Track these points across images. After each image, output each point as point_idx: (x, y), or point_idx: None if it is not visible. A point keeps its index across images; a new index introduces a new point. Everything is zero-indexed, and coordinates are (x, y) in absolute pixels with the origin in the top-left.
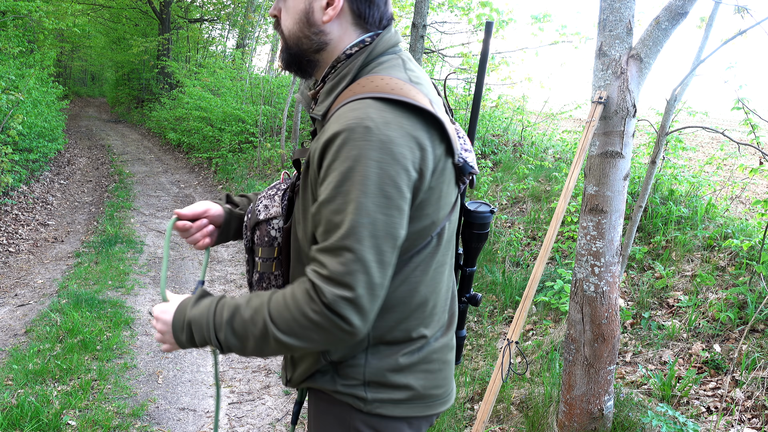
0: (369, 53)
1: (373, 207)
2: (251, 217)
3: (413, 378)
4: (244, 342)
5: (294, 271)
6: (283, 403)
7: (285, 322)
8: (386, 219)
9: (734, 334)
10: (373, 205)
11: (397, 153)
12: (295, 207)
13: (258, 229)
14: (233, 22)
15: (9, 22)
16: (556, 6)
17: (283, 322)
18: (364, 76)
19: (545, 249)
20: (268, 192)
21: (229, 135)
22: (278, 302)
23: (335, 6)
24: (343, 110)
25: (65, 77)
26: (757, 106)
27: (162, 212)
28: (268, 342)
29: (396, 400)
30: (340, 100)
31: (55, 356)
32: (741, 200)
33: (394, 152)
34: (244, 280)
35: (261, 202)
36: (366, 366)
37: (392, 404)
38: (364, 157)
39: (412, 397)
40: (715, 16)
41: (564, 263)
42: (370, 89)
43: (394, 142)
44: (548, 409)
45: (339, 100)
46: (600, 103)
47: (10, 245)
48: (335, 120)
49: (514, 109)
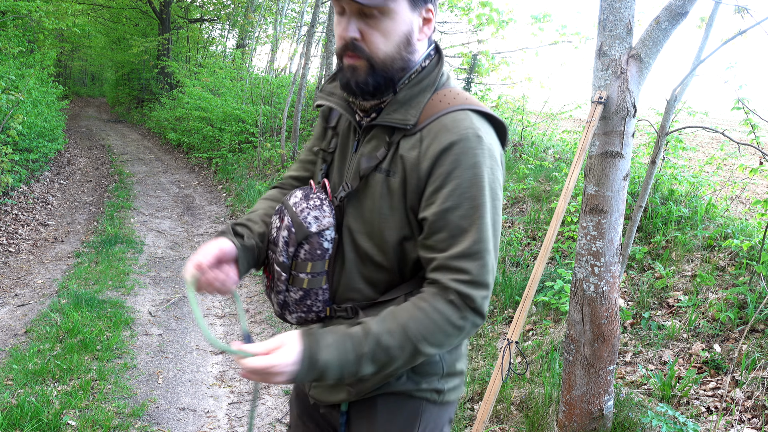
0: (440, 66)
1: (491, 209)
2: (298, 231)
3: (464, 363)
4: (383, 368)
5: (350, 280)
6: (283, 403)
7: (435, 337)
8: (498, 219)
9: (734, 334)
10: (491, 208)
11: (498, 158)
12: (353, 215)
13: (308, 242)
14: (233, 22)
15: (9, 22)
16: (556, 6)
17: (434, 338)
18: (441, 88)
19: (545, 249)
20: (309, 203)
21: (229, 135)
22: (422, 321)
23: (431, 25)
24: (449, 120)
25: (65, 77)
26: (757, 106)
27: (162, 212)
28: (414, 360)
29: (457, 386)
30: (431, 111)
31: (55, 356)
32: (741, 200)
33: (496, 158)
34: (243, 279)
35: (308, 214)
36: (443, 360)
37: (456, 390)
38: (481, 164)
39: (462, 380)
40: (715, 16)
41: (564, 263)
42: (462, 101)
43: (494, 149)
44: (548, 409)
45: (429, 111)
46: (600, 103)
47: (10, 245)
48: (445, 129)
49: (514, 109)
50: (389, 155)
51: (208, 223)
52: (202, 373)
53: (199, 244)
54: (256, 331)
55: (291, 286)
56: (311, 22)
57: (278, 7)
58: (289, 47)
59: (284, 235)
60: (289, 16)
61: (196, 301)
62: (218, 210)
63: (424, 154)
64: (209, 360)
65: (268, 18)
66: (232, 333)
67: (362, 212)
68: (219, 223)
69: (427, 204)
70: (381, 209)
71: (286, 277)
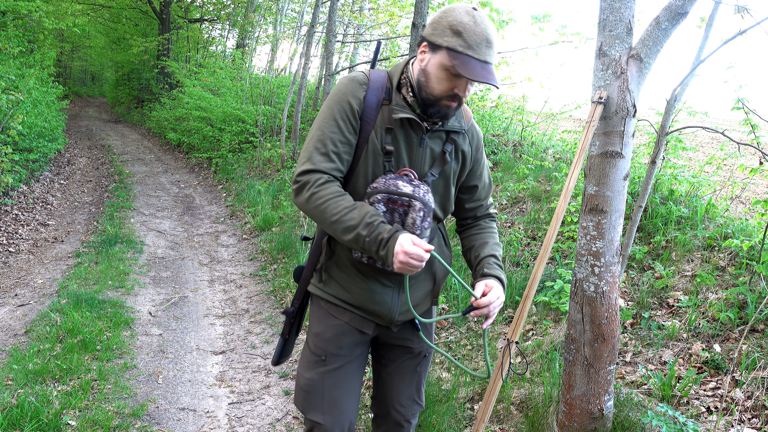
0: None
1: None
2: (427, 208)
3: None
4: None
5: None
6: (283, 403)
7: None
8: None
9: (734, 334)
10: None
11: None
12: (432, 191)
13: (430, 215)
14: (233, 22)
15: (9, 22)
16: (556, 6)
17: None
18: None
19: (545, 249)
20: (422, 188)
21: (229, 135)
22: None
23: None
24: (474, 122)
25: (65, 77)
26: (757, 106)
27: (162, 212)
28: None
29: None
30: (467, 118)
31: (55, 356)
32: (741, 200)
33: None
34: (243, 279)
35: (426, 195)
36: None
37: None
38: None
39: None
40: (715, 16)
41: (564, 263)
42: (468, 108)
43: None
44: (548, 409)
45: (467, 117)
46: (600, 103)
47: (10, 245)
48: (478, 128)
49: (514, 109)
50: (453, 150)
51: (208, 223)
52: (202, 373)
53: (199, 244)
54: (256, 331)
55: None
56: (311, 22)
57: (278, 7)
58: (289, 47)
59: (420, 215)
60: (289, 16)
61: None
62: (218, 210)
63: (472, 147)
64: (209, 360)
65: (268, 18)
66: (232, 333)
67: (437, 188)
68: (219, 223)
69: (461, 175)
70: (448, 185)
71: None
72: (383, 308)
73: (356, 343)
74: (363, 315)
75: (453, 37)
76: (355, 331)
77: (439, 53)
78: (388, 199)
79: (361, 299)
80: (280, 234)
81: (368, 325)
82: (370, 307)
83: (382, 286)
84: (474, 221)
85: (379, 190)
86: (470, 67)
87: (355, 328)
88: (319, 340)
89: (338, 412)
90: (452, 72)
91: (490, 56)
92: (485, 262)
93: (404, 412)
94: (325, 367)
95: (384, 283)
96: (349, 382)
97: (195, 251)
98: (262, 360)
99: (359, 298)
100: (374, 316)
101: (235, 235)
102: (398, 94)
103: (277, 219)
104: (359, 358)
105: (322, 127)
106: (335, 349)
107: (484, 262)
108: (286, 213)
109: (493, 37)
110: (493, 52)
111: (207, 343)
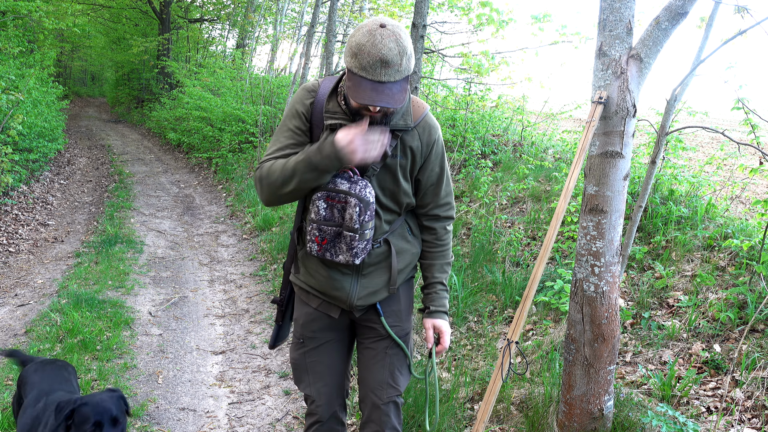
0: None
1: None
2: (364, 204)
3: None
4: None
5: (380, 224)
6: (283, 403)
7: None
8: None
9: (734, 334)
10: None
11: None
12: (376, 185)
13: (368, 209)
14: (233, 22)
15: (9, 22)
16: (556, 6)
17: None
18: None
19: (545, 249)
20: (360, 184)
21: (229, 135)
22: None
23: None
24: (429, 119)
25: (65, 77)
26: (757, 106)
27: (162, 212)
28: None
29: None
30: (417, 114)
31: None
32: (741, 200)
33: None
34: (243, 279)
35: (364, 191)
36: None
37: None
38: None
39: None
40: (715, 16)
41: (564, 263)
42: (425, 106)
43: None
44: (548, 409)
45: (416, 114)
46: (600, 103)
47: (10, 245)
48: (431, 125)
49: (514, 109)
50: (399, 146)
51: (208, 223)
52: (202, 373)
53: (199, 244)
54: (256, 331)
55: (359, 241)
56: (311, 22)
57: (278, 7)
58: (289, 47)
59: (356, 210)
60: (289, 16)
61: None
62: (218, 210)
63: (424, 142)
64: (209, 360)
65: (268, 18)
66: (232, 333)
67: (381, 182)
68: (219, 223)
69: (413, 171)
70: (397, 179)
71: (354, 236)
72: (342, 294)
73: (327, 327)
74: (328, 300)
75: (351, 58)
76: (324, 315)
77: (347, 71)
78: (327, 196)
79: (324, 286)
80: (280, 234)
81: (334, 310)
82: (331, 293)
83: (342, 274)
84: (429, 222)
85: (320, 188)
86: (360, 89)
87: (324, 313)
88: (296, 325)
89: (322, 384)
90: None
91: (387, 75)
92: (433, 292)
93: (380, 394)
94: (305, 348)
95: (343, 272)
96: (327, 358)
97: (195, 251)
98: (262, 360)
99: (323, 285)
100: (337, 301)
101: (235, 235)
102: (334, 101)
103: (277, 219)
104: (336, 340)
105: (277, 134)
106: (310, 333)
107: (433, 293)
108: (286, 213)
109: (391, 55)
110: (392, 71)
111: (207, 343)
